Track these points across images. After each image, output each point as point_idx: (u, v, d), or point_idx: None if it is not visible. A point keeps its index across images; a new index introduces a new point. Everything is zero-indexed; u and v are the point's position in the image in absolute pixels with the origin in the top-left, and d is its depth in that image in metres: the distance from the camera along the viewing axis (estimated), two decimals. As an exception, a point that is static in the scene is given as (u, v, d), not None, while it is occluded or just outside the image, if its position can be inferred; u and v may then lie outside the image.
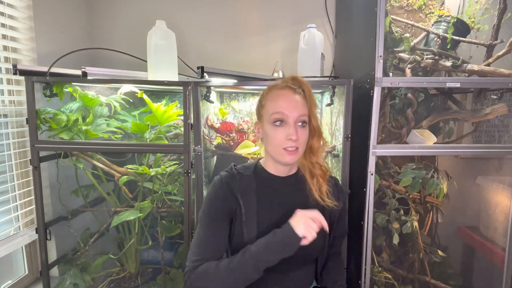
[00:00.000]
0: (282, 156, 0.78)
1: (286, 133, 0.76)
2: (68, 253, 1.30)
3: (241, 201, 0.78)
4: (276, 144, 0.77)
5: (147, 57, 1.13)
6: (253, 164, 0.87)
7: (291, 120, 0.76)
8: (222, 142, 1.32)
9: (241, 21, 1.61)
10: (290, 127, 0.76)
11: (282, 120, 0.77)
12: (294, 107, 0.76)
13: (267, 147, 0.81)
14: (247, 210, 0.78)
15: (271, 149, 0.79)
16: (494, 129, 1.43)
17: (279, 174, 0.84)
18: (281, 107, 0.76)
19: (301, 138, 0.77)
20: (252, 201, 0.79)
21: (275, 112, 0.77)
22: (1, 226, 1.17)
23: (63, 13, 1.41)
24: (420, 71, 1.20)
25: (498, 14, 1.11)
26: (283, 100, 0.77)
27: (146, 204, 1.20)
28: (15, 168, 1.23)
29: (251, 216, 0.78)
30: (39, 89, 1.14)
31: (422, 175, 1.22)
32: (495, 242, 1.28)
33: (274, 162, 0.83)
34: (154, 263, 1.37)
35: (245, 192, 0.80)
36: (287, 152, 0.77)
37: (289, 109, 0.76)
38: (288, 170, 0.84)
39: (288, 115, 0.76)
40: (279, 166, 0.83)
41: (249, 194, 0.80)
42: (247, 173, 0.83)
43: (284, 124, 0.77)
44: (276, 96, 0.79)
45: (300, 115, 0.77)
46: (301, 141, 0.77)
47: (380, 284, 1.23)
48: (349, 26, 1.37)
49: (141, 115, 1.27)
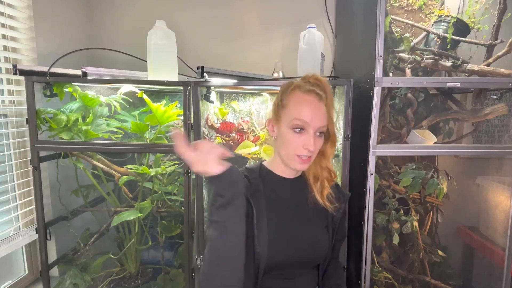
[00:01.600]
0: (293, 162, 0.76)
1: (304, 142, 0.73)
2: (68, 253, 1.30)
3: (252, 202, 0.76)
4: (290, 150, 0.75)
5: (147, 57, 1.13)
6: (257, 166, 0.85)
7: (312, 130, 0.73)
8: (222, 142, 1.32)
9: (241, 21, 1.61)
10: (310, 136, 0.73)
11: (303, 128, 0.74)
12: (317, 117, 0.73)
13: (280, 149, 0.79)
14: (258, 212, 0.76)
15: (284, 153, 0.77)
16: (494, 129, 1.43)
17: (286, 175, 0.83)
18: (305, 116, 0.73)
19: (317, 148, 0.76)
20: (261, 203, 0.78)
21: (298, 119, 0.73)
22: (1, 226, 1.17)
23: (63, 13, 1.41)
24: (420, 71, 1.20)
25: (498, 14, 1.11)
26: (308, 109, 0.73)
27: (146, 204, 1.20)
28: (15, 168, 1.23)
29: (262, 218, 0.77)
30: (39, 89, 1.14)
31: (422, 175, 1.22)
32: (495, 242, 1.28)
33: (284, 165, 0.81)
34: (154, 263, 1.37)
35: (254, 194, 0.78)
36: (300, 160, 0.75)
37: (313, 119, 0.73)
38: (295, 173, 0.84)
39: (310, 124, 0.73)
40: (289, 169, 0.82)
41: (258, 197, 0.78)
42: (253, 175, 0.81)
43: (304, 132, 0.74)
44: (300, 101, 0.74)
45: (321, 126, 0.74)
46: (316, 151, 0.77)
47: (380, 284, 1.23)
48: (349, 26, 1.37)
49: (141, 115, 1.27)
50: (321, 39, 1.27)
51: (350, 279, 1.22)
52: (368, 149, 1.07)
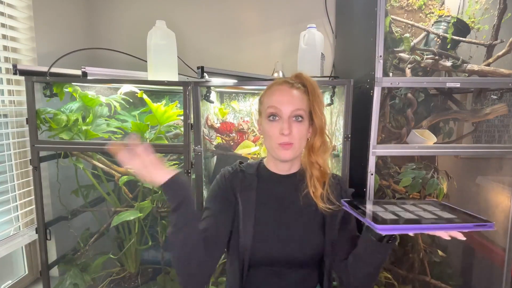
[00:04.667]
0: (277, 152, 0.78)
1: (279, 127, 0.75)
2: (68, 253, 1.30)
3: (240, 198, 0.79)
4: (272, 140, 0.77)
5: (147, 57, 1.13)
6: (257, 162, 0.87)
7: (285, 115, 0.75)
8: (222, 142, 1.32)
9: (241, 21, 1.61)
10: (284, 121, 0.75)
11: (276, 114, 0.76)
12: (288, 101, 0.76)
13: (266, 143, 0.82)
14: (245, 207, 0.79)
15: (268, 145, 0.80)
16: (494, 129, 1.43)
17: (279, 172, 0.84)
18: (276, 101, 0.76)
19: (296, 133, 0.76)
20: (251, 198, 0.80)
21: (269, 106, 0.77)
22: (1, 226, 1.18)
23: (63, 13, 1.41)
24: (420, 71, 1.20)
25: (498, 14, 1.11)
26: (278, 95, 0.77)
27: (146, 204, 1.20)
28: (15, 168, 1.23)
29: (249, 213, 0.79)
30: (39, 89, 1.14)
31: (422, 175, 1.21)
32: (495, 242, 1.28)
33: (274, 160, 0.83)
34: (154, 263, 1.37)
35: (245, 189, 0.80)
36: (282, 147, 0.76)
37: (283, 103, 0.75)
38: (288, 168, 0.84)
39: (281, 109, 0.75)
40: (279, 163, 0.83)
41: (249, 192, 0.80)
42: (250, 171, 0.84)
43: (279, 119, 0.76)
44: (272, 91, 0.79)
45: (294, 109, 0.75)
46: (296, 137, 0.76)
47: (380, 284, 1.23)
48: (349, 26, 1.37)
49: (141, 115, 1.27)
50: (321, 39, 1.27)
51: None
52: (368, 149, 1.07)
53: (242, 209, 0.79)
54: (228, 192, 0.81)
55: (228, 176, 0.83)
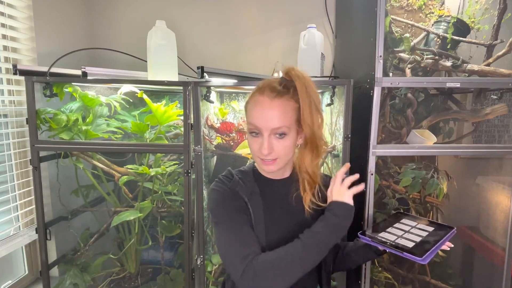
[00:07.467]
0: (261, 165, 0.75)
1: (260, 145, 0.71)
2: (68, 253, 1.30)
3: (249, 204, 0.76)
4: (254, 153, 0.75)
5: (147, 57, 1.13)
6: (250, 168, 0.84)
7: (266, 133, 0.70)
8: (222, 142, 1.32)
9: (241, 21, 1.61)
10: (264, 139, 0.70)
11: (257, 131, 0.71)
12: (268, 119, 0.69)
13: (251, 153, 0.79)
14: (255, 213, 0.76)
15: (252, 157, 0.77)
16: (494, 129, 1.43)
17: (274, 177, 0.82)
18: (255, 118, 0.71)
19: (279, 150, 0.71)
20: (258, 204, 0.77)
21: (250, 123, 0.72)
22: (1, 226, 1.18)
23: (63, 13, 1.41)
24: (420, 71, 1.20)
25: (498, 14, 1.11)
26: (258, 109, 0.70)
27: (146, 204, 1.20)
28: (15, 168, 1.24)
29: (259, 218, 0.76)
30: (39, 89, 1.14)
31: (422, 175, 1.21)
32: (495, 242, 1.28)
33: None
34: (154, 263, 1.37)
35: (251, 196, 0.77)
36: (264, 162, 0.73)
37: (262, 121, 0.69)
38: (281, 174, 0.82)
39: (261, 128, 0.70)
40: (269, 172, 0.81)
41: (255, 198, 0.78)
42: (248, 178, 0.80)
43: (259, 135, 0.72)
44: (254, 104, 0.72)
45: (275, 128, 0.69)
46: (280, 152, 0.72)
47: (380, 284, 1.23)
48: (349, 26, 1.37)
49: (141, 115, 1.27)
50: (321, 39, 1.27)
51: (350, 279, 1.22)
52: (368, 149, 1.07)
53: (253, 214, 0.76)
54: (238, 200, 0.77)
55: (230, 185, 0.78)
